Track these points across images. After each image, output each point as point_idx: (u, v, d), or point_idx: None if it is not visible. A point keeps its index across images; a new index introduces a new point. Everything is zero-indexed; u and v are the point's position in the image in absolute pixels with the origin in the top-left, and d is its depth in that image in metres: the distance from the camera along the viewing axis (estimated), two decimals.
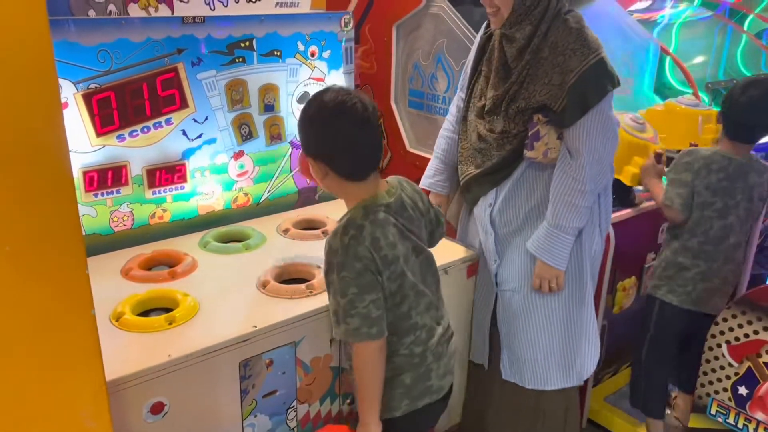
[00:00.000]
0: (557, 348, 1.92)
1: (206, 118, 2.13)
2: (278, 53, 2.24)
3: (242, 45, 2.14)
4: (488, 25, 1.95)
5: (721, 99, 2.26)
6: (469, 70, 2.00)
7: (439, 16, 2.64)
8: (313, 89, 2.36)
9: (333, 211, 2.40)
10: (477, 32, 2.52)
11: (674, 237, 2.22)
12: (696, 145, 2.51)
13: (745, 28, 3.95)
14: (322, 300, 1.78)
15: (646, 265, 2.54)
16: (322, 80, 2.38)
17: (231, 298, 1.79)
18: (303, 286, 1.83)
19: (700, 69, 3.93)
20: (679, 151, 2.70)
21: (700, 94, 3.64)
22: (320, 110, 1.41)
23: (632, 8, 3.50)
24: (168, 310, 1.74)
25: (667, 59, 3.41)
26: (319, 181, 1.49)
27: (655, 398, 2.33)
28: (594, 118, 1.70)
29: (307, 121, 1.45)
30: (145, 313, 1.73)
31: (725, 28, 4.04)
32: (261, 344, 1.66)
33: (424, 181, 2.11)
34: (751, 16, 3.98)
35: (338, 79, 2.42)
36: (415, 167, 2.64)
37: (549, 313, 1.89)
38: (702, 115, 2.83)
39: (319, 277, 1.86)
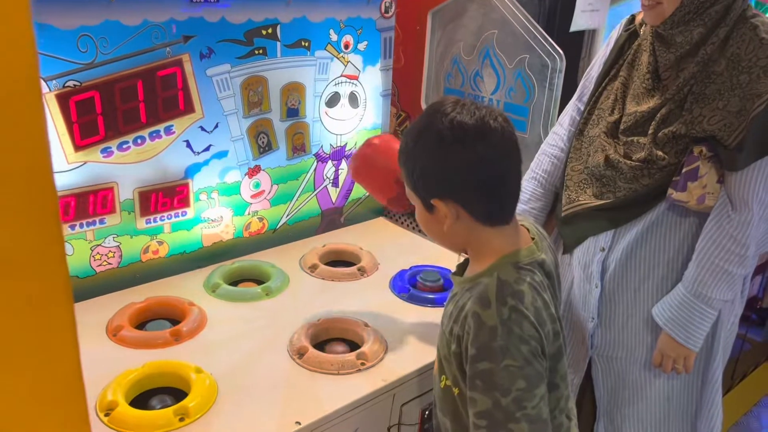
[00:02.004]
0: (672, 425, 1.53)
1: (216, 126, 1.66)
2: (306, 44, 1.77)
3: (264, 32, 1.68)
4: (631, 20, 1.52)
5: None
6: (597, 74, 1.56)
7: (489, 3, 2.20)
8: (345, 89, 1.91)
9: (363, 238, 1.97)
10: (539, 23, 2.11)
11: None
12: None
13: None
14: (377, 376, 1.36)
15: None
16: (356, 78, 1.93)
17: (258, 374, 1.35)
18: (353, 356, 1.39)
19: None
20: None
21: None
22: (456, 132, 0.99)
23: None
24: (174, 390, 1.30)
25: None
26: (441, 227, 1.06)
27: None
28: None
29: (432, 148, 1.02)
30: (144, 396, 1.28)
31: None
32: None
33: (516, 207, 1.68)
34: None
35: (374, 77, 1.97)
36: None
37: (669, 388, 1.50)
38: None
39: (370, 344, 1.43)
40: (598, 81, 1.53)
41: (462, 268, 1.15)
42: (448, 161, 1.01)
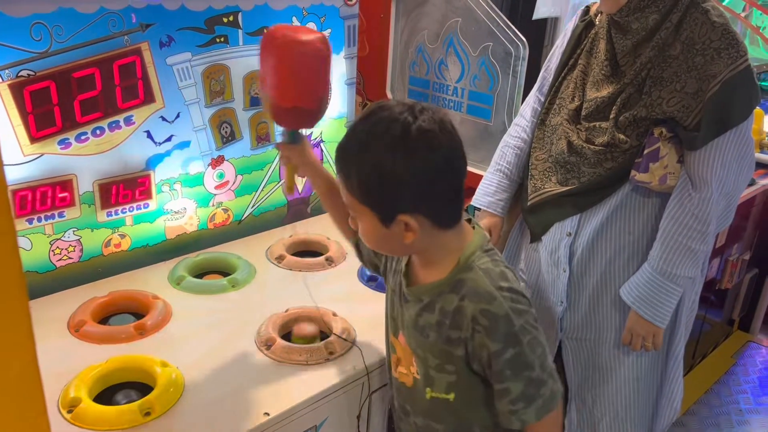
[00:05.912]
0: (640, 404, 1.57)
1: (177, 116, 1.63)
2: None
3: (225, 20, 1.65)
4: (587, 11, 1.54)
5: None
6: (556, 65, 1.57)
7: None
8: None
9: (330, 228, 1.95)
10: (502, 11, 2.11)
11: None
12: None
13: None
14: (346, 364, 1.36)
15: None
16: None
17: (225, 366, 1.33)
18: (321, 345, 1.39)
19: None
20: None
21: None
22: (427, 140, 0.94)
23: None
24: (140, 385, 1.28)
25: None
26: (399, 242, 1.01)
27: None
28: (732, 141, 1.33)
29: (401, 159, 0.94)
30: (109, 392, 1.26)
31: None
32: None
33: (482, 200, 1.67)
34: None
35: (338, 65, 1.95)
36: None
37: (637, 369, 1.53)
38: None
39: (339, 334, 1.43)
40: (557, 71, 1.55)
41: (407, 276, 1.11)
42: (421, 172, 0.95)
